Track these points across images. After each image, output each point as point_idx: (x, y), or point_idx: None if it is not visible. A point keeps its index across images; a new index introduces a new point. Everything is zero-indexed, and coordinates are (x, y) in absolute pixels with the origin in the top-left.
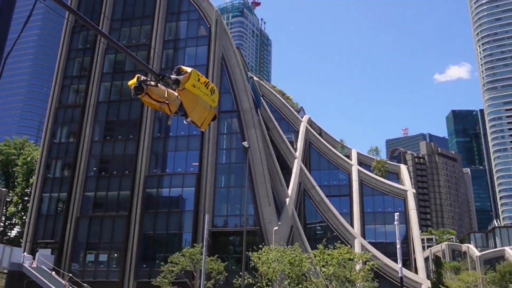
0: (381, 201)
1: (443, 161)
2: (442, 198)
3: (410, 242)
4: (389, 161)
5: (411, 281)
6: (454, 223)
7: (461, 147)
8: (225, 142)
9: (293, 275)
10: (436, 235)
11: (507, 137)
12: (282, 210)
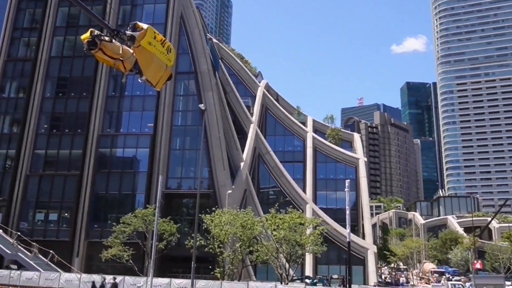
0: (333, 168)
1: (395, 131)
2: (392, 167)
3: (359, 209)
4: (343, 129)
5: (359, 246)
6: (402, 191)
7: (413, 118)
8: (181, 104)
9: (245, 237)
10: (384, 203)
11: (457, 111)
12: (236, 174)
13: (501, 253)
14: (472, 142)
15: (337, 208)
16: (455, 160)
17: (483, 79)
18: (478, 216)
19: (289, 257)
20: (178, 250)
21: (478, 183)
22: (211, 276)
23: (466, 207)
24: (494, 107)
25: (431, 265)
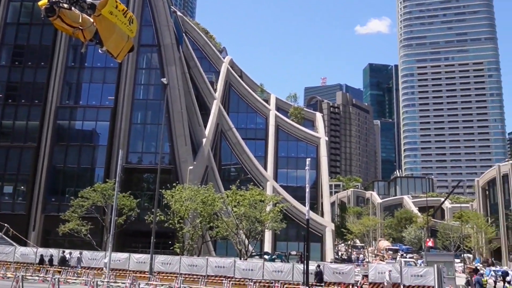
0: (295, 146)
1: (356, 112)
2: (352, 147)
3: (319, 187)
4: (306, 108)
5: (317, 223)
6: (361, 171)
7: (374, 99)
8: (144, 77)
9: (205, 213)
10: (343, 182)
11: (416, 93)
12: (198, 150)
13: (452, 232)
14: (429, 125)
15: (297, 186)
16: (412, 142)
17: (442, 63)
18: (432, 196)
19: (249, 233)
20: (138, 225)
21: (433, 165)
22: (171, 252)
23: (421, 188)
24: (451, 91)
25: (386, 242)
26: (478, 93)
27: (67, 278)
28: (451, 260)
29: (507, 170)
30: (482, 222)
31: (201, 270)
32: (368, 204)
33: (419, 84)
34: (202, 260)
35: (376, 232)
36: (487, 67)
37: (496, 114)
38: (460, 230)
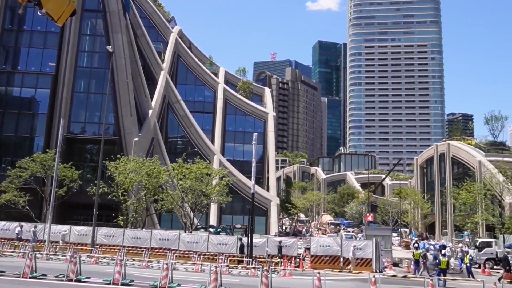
0: (242, 121)
1: (304, 88)
2: (299, 123)
3: (265, 162)
4: (255, 83)
5: (262, 197)
6: (307, 147)
7: (322, 77)
8: (87, 44)
9: (150, 186)
10: (290, 157)
11: (363, 73)
12: (144, 122)
13: (391, 207)
14: (374, 104)
15: (244, 161)
16: (357, 120)
17: (389, 44)
18: (374, 173)
19: (194, 207)
20: (80, 197)
21: (376, 143)
22: (114, 224)
23: (364, 164)
24: (396, 71)
25: (328, 217)
26: (421, 74)
27: (2, 251)
28: (388, 234)
29: (444, 149)
30: (419, 198)
31: (145, 242)
32: (313, 180)
33: (366, 64)
34: (146, 233)
35: (319, 207)
36: (431, 49)
37: (436, 96)
38: (398, 205)
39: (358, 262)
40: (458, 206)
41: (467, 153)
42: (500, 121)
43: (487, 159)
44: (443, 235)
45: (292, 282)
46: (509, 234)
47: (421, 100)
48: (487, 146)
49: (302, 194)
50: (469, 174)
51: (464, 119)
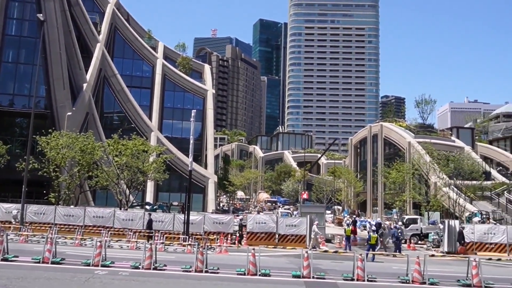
0: (181, 97)
1: (245, 66)
2: (238, 101)
3: (204, 140)
4: (195, 59)
5: (200, 175)
6: (246, 125)
7: (263, 56)
8: (16, 11)
9: (84, 162)
10: (228, 135)
11: (303, 53)
12: (78, 96)
13: (326, 186)
14: (312, 84)
15: (182, 138)
16: (296, 99)
17: (328, 26)
18: (310, 152)
19: (130, 184)
20: (8, 173)
21: (313, 123)
22: (45, 201)
23: (301, 144)
24: (335, 53)
25: (265, 195)
26: (358, 57)
27: None
28: (322, 212)
29: (377, 130)
30: (352, 177)
31: (78, 220)
32: (251, 158)
33: (306, 44)
34: (79, 210)
35: (257, 185)
36: (368, 33)
37: (372, 79)
38: (332, 184)
39: (293, 238)
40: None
41: (398, 134)
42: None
43: (416, 141)
44: (373, 212)
45: (228, 258)
46: (433, 212)
47: (357, 82)
48: (416, 128)
49: (240, 172)
50: (399, 155)
51: (396, 102)
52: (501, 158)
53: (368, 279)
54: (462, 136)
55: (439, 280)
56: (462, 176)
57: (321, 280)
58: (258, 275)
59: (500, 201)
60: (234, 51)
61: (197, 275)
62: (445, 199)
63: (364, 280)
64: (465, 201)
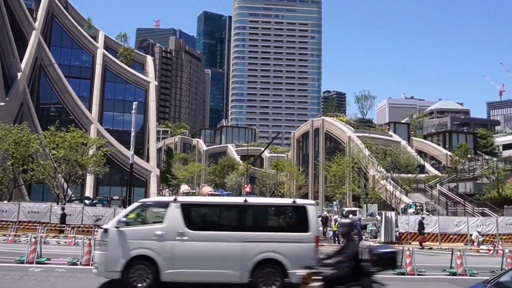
0: (123, 89)
1: (188, 59)
2: (182, 94)
3: (146, 132)
4: (137, 50)
5: (142, 168)
6: (190, 118)
7: (207, 48)
8: None
9: (18, 155)
10: (171, 128)
11: (247, 47)
12: (11, 85)
13: (269, 179)
14: (256, 78)
15: (124, 130)
16: (240, 93)
17: (273, 20)
18: (254, 145)
19: (68, 178)
20: None
21: (257, 116)
22: None
23: (245, 137)
24: (279, 48)
25: (208, 188)
26: (301, 52)
27: None
28: None
29: (319, 125)
30: (294, 170)
31: (11, 216)
32: (194, 151)
33: (250, 38)
34: (13, 205)
35: (200, 178)
36: (311, 28)
37: (314, 74)
38: (275, 177)
39: None
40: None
41: (339, 129)
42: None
43: (356, 135)
44: None
45: None
46: (371, 204)
47: (300, 77)
48: (356, 123)
49: (183, 165)
50: (340, 148)
51: (338, 97)
52: (435, 152)
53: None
54: (399, 131)
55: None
56: (399, 170)
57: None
58: None
59: (433, 193)
60: (178, 43)
61: None
62: (383, 191)
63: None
64: (401, 193)
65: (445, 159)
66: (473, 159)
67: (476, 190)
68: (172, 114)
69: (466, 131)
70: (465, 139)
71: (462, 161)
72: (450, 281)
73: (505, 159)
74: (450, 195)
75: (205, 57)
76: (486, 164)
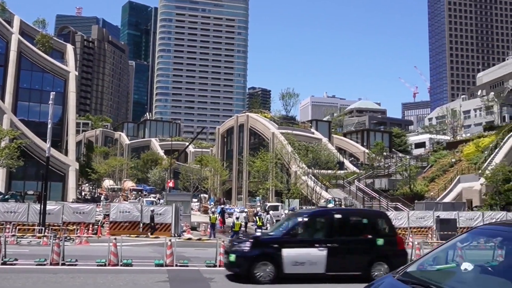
0: (40, 78)
1: (112, 49)
2: (104, 85)
3: (64, 124)
4: (56, 38)
5: (60, 162)
6: (112, 111)
7: (131, 39)
8: None
9: None
10: (92, 121)
11: (173, 40)
12: None
13: (193, 174)
14: (182, 72)
15: (40, 122)
16: (165, 86)
17: (200, 14)
18: (178, 140)
19: None
20: None
21: (182, 110)
22: None
23: (169, 131)
24: (205, 42)
25: (130, 183)
26: (227, 47)
27: None
28: (188, 200)
29: (243, 120)
30: (218, 166)
31: None
32: (116, 145)
33: (176, 31)
34: None
35: (122, 173)
36: (238, 24)
37: (240, 70)
38: (199, 172)
39: (158, 227)
40: (253, 173)
41: (263, 125)
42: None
43: (280, 131)
44: (238, 200)
45: (88, 249)
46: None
47: (226, 73)
48: (280, 120)
49: (105, 159)
50: (263, 144)
51: (263, 94)
52: (353, 149)
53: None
54: (321, 128)
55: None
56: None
57: (184, 268)
58: (120, 265)
59: (351, 189)
60: (101, 32)
61: (53, 268)
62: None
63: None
64: (321, 188)
65: (363, 156)
66: (388, 157)
67: (391, 186)
68: (93, 106)
69: (382, 130)
70: (381, 137)
71: (378, 158)
72: None
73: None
74: (366, 190)
75: (130, 49)
76: (400, 162)
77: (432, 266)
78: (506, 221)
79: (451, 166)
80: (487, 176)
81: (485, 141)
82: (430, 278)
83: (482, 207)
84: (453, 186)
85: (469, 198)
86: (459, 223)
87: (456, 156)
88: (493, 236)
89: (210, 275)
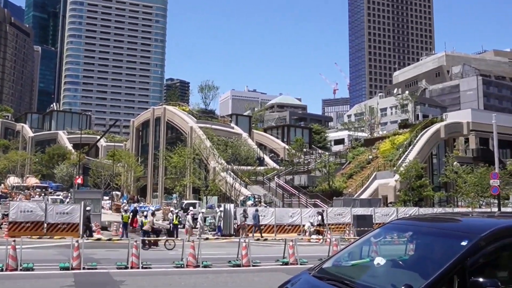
0: None
1: (14, 32)
2: (5, 72)
3: None
4: None
5: None
6: (14, 100)
7: (37, 22)
8: None
9: None
10: None
11: (84, 25)
12: None
13: (104, 170)
14: (94, 60)
15: None
16: (75, 75)
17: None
18: (89, 133)
19: None
20: None
21: (94, 102)
22: None
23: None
24: (120, 29)
25: (34, 179)
26: (144, 36)
27: None
28: (99, 197)
29: (160, 113)
30: (132, 161)
31: None
32: (18, 138)
33: (88, 16)
34: None
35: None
36: (156, 12)
37: (157, 60)
38: (112, 168)
39: (64, 227)
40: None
41: (181, 118)
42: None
43: (198, 126)
44: (153, 197)
45: None
46: (211, 196)
47: (142, 62)
48: (199, 113)
49: (4, 153)
50: (181, 139)
51: (181, 86)
52: (274, 145)
53: (143, 266)
54: (241, 123)
55: (212, 263)
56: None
57: (93, 271)
58: (19, 270)
59: (271, 185)
60: (2, 12)
61: None
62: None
63: (138, 268)
64: (241, 185)
65: (283, 152)
66: (308, 153)
67: (310, 182)
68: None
69: (303, 126)
70: (301, 133)
71: (298, 154)
72: (282, 270)
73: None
74: (286, 187)
75: (35, 32)
76: (319, 158)
77: (347, 262)
78: (416, 216)
79: (368, 163)
80: (401, 172)
81: (399, 138)
82: (344, 273)
83: (396, 203)
84: (369, 182)
85: (384, 194)
86: (375, 219)
87: (373, 153)
88: (405, 231)
89: (121, 278)
